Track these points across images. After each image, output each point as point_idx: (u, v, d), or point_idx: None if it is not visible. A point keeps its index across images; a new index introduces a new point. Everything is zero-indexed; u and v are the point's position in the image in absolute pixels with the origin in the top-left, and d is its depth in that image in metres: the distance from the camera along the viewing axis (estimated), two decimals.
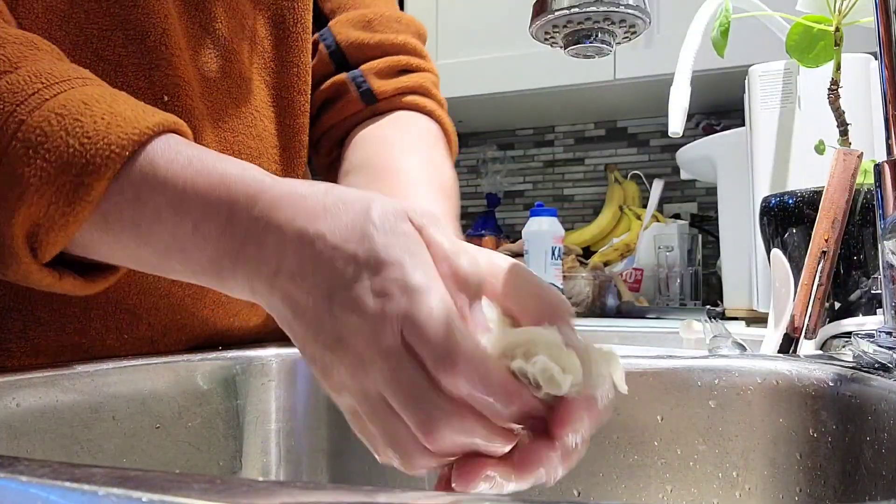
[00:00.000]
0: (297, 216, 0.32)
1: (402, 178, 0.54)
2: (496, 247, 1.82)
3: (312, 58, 0.65)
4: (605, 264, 1.69)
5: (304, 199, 0.33)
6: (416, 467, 0.31)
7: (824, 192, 0.58)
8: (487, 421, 0.30)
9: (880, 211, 0.46)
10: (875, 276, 0.63)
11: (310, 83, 0.65)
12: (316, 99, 0.66)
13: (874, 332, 0.47)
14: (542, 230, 1.42)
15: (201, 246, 0.34)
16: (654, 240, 1.61)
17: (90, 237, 0.37)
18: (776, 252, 0.66)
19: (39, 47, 0.40)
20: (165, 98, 0.53)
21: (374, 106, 0.64)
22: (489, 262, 0.35)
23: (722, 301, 1.36)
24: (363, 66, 0.64)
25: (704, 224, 1.73)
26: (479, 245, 1.73)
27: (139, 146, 0.35)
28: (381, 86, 0.63)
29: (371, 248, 0.31)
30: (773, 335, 0.61)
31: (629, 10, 0.60)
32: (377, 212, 0.32)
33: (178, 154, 0.36)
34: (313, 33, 0.66)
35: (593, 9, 0.59)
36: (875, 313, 0.62)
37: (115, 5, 0.51)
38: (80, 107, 0.36)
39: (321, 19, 0.67)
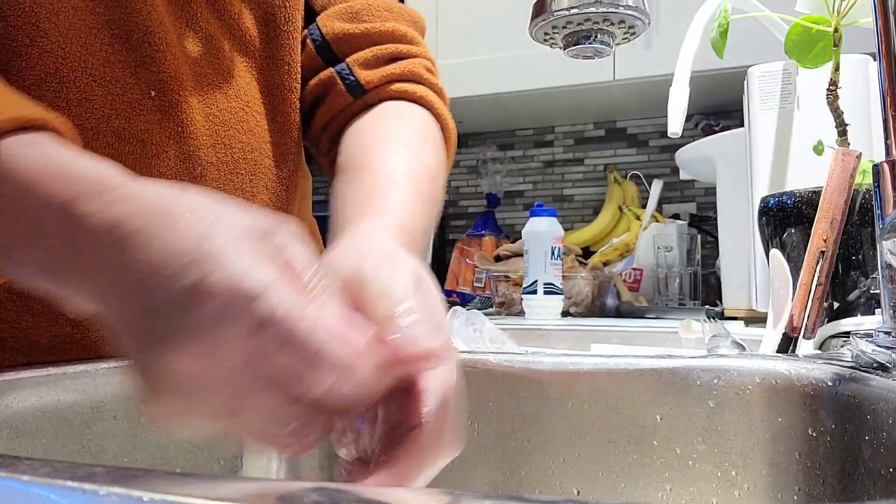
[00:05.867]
0: (134, 217, 0.30)
1: (380, 178, 0.52)
2: (496, 247, 1.82)
3: (301, 54, 0.64)
4: (605, 264, 1.70)
5: (150, 200, 0.30)
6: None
7: (823, 193, 0.58)
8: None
9: (879, 211, 0.46)
10: (873, 276, 0.63)
11: (300, 81, 0.65)
12: (307, 97, 0.65)
13: (873, 331, 0.48)
14: (542, 230, 1.42)
15: (35, 245, 0.32)
16: (654, 240, 1.62)
17: None
18: (775, 252, 0.66)
19: None
20: (153, 93, 0.54)
21: (363, 97, 0.62)
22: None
23: (721, 301, 1.37)
24: (348, 59, 0.63)
25: (703, 224, 1.74)
26: (480, 245, 1.73)
27: None
28: (367, 76, 0.62)
29: (203, 252, 0.28)
30: (771, 335, 0.62)
31: (628, 11, 0.60)
32: (220, 237, 0.29)
33: (32, 150, 0.33)
34: (302, 29, 0.65)
35: (592, 10, 0.60)
36: (873, 313, 0.63)
37: (100, 5, 0.52)
38: None
39: (311, 15, 0.66)
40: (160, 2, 0.55)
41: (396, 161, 0.54)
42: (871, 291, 0.63)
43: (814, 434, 0.48)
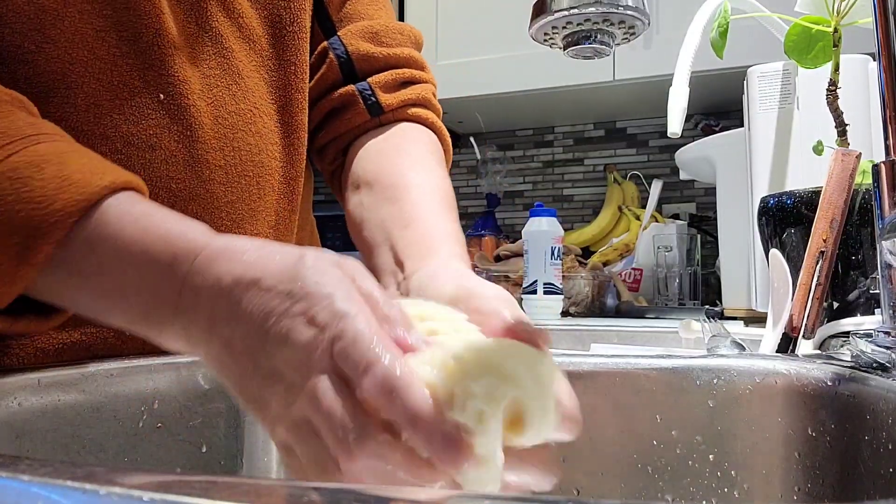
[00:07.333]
0: (234, 266, 0.34)
1: (413, 195, 0.57)
2: (496, 247, 1.82)
3: (322, 65, 0.67)
4: (605, 264, 1.70)
5: (240, 252, 0.35)
6: None
7: (822, 193, 0.59)
8: (406, 448, 0.29)
9: (878, 211, 0.46)
10: (873, 275, 0.63)
11: (307, 81, 0.66)
12: (323, 107, 0.68)
13: (872, 331, 0.48)
14: (542, 230, 1.42)
15: (141, 295, 0.36)
16: (654, 240, 1.62)
17: (39, 284, 0.39)
18: (775, 252, 0.66)
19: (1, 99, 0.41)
20: (161, 96, 0.54)
21: (380, 117, 0.67)
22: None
23: (721, 301, 1.37)
24: (370, 80, 0.67)
25: (703, 224, 1.74)
26: (480, 245, 1.73)
27: (86, 210, 0.37)
28: (388, 98, 0.66)
29: (303, 284, 0.32)
30: (771, 335, 0.62)
31: (628, 12, 0.60)
32: (310, 258, 0.34)
33: (127, 212, 0.38)
34: (324, 39, 0.69)
35: (592, 10, 0.60)
36: (873, 313, 0.63)
37: (108, 7, 0.52)
38: (30, 170, 0.37)
39: (327, 25, 0.69)
40: (168, 3, 0.54)
41: (421, 180, 0.59)
42: (871, 291, 0.63)
43: (813, 434, 0.48)
